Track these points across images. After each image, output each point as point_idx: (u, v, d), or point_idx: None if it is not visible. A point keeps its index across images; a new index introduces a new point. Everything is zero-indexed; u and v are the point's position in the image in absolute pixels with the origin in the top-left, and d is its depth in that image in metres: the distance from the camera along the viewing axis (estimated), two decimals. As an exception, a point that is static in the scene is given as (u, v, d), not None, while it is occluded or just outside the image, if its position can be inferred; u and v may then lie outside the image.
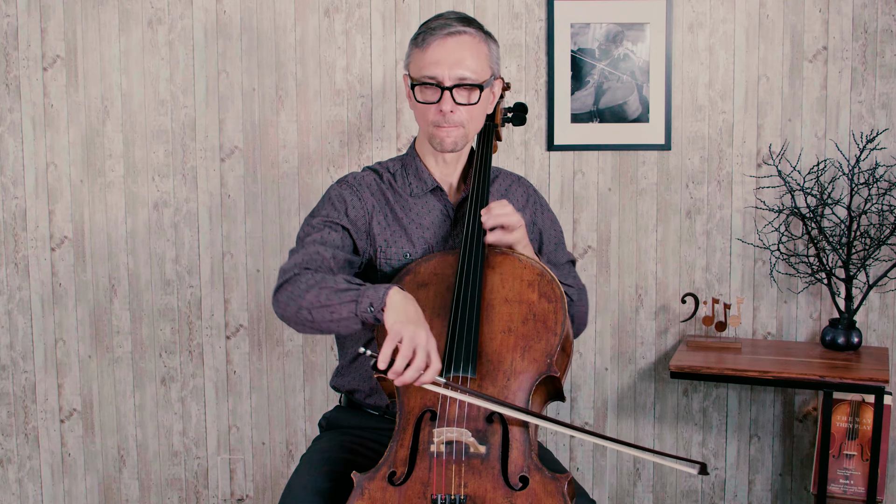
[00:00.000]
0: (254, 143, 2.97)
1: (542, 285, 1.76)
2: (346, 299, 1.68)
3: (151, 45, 2.96)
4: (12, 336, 3.07)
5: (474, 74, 1.84)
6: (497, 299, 1.76)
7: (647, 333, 2.95)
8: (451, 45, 1.83)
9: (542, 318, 1.73)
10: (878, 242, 2.72)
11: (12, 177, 3.01)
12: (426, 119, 1.88)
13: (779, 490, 2.95)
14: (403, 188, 1.96)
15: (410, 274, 1.82)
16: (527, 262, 1.80)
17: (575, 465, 3.00)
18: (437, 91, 1.84)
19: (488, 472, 1.62)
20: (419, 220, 1.94)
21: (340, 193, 1.93)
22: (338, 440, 1.93)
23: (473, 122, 1.89)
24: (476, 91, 1.85)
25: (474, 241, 1.79)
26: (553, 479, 1.62)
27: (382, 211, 1.93)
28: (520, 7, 2.88)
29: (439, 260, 1.84)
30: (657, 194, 2.90)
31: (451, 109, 1.84)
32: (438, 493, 1.60)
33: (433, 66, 1.83)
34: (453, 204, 1.96)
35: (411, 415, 1.69)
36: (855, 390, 2.55)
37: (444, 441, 1.62)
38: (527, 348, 1.71)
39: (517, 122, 2.18)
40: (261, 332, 3.02)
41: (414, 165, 1.97)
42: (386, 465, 1.66)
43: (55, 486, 3.11)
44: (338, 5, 2.91)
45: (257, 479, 3.08)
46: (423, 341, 1.58)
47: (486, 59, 1.87)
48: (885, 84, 2.79)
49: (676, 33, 2.85)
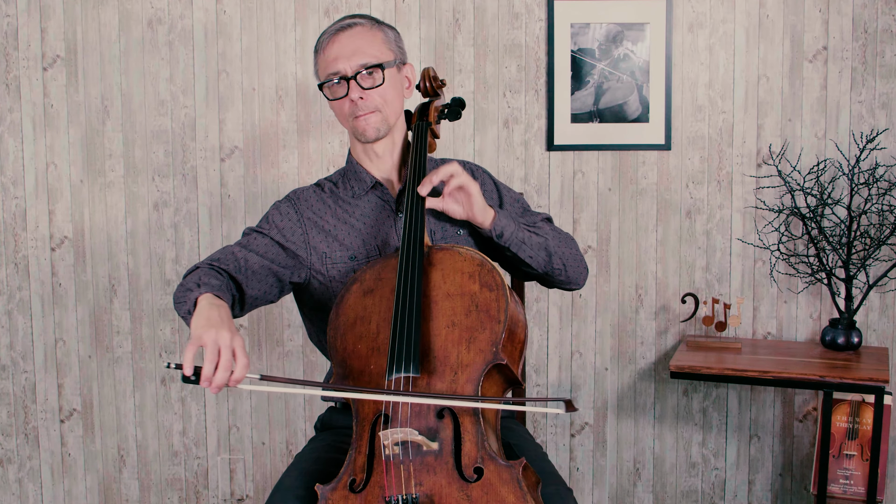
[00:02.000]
0: (254, 143, 2.97)
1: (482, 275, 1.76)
2: (184, 299, 1.73)
3: (151, 45, 2.96)
4: (12, 336, 3.07)
5: (373, 58, 1.89)
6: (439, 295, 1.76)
7: (647, 333, 2.95)
8: (343, 39, 1.89)
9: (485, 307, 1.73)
10: (878, 242, 2.72)
11: (12, 177, 3.01)
12: (344, 115, 1.92)
13: (779, 490, 2.94)
14: (345, 192, 2.00)
15: (357, 283, 1.83)
16: (467, 253, 1.80)
17: (575, 465, 3.00)
18: (344, 84, 1.89)
19: (442, 468, 1.63)
20: (363, 220, 1.97)
21: (279, 207, 1.99)
22: (330, 440, 1.96)
23: (388, 104, 1.92)
24: (378, 71, 1.89)
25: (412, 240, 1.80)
26: (507, 466, 1.62)
27: (322, 219, 1.97)
28: (520, 7, 2.88)
29: (382, 264, 1.84)
30: (657, 194, 2.90)
31: (360, 96, 1.88)
32: (391, 494, 1.61)
33: (333, 63, 1.88)
34: (394, 197, 1.99)
35: (366, 421, 1.70)
36: (855, 390, 2.55)
37: (394, 443, 1.63)
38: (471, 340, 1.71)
39: (453, 118, 2.15)
40: (261, 331, 3.02)
41: (352, 169, 2.00)
42: (346, 474, 1.67)
43: (55, 486, 3.11)
44: (338, 5, 2.91)
45: (257, 479, 3.08)
46: (227, 340, 1.57)
47: (381, 42, 1.92)
48: (885, 84, 2.79)
49: (676, 33, 2.85)
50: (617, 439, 2.99)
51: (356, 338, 1.77)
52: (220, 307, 1.67)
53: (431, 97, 2.08)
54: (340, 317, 1.80)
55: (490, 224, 1.89)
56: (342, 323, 1.79)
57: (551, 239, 1.98)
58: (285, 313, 3.01)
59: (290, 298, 2.93)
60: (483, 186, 2.04)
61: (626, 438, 2.98)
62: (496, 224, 1.89)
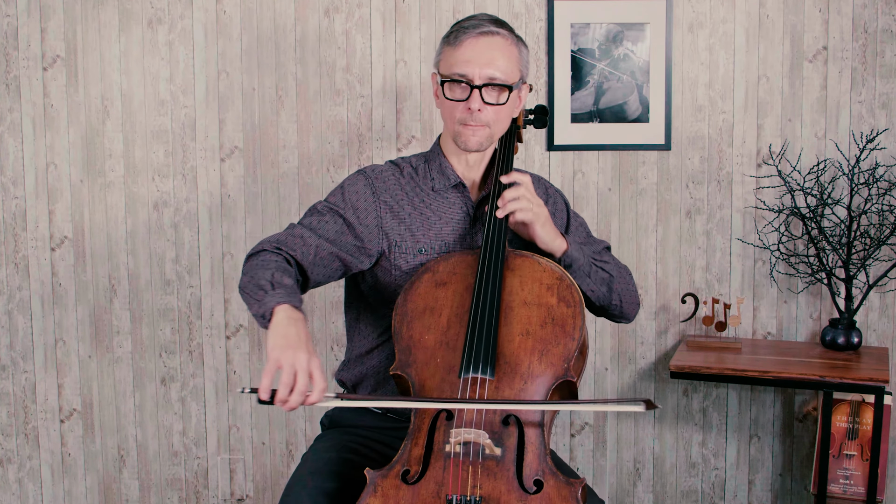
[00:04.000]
0: (254, 143, 2.97)
1: (560, 289, 1.76)
2: (256, 297, 1.67)
3: (151, 45, 2.96)
4: (12, 336, 3.07)
5: (504, 75, 1.85)
6: (516, 301, 1.76)
7: (647, 333, 2.95)
8: (482, 45, 1.84)
9: (561, 322, 1.73)
10: (878, 242, 2.72)
11: (12, 177, 3.01)
12: (453, 117, 1.88)
13: (779, 490, 2.95)
14: (425, 182, 1.96)
15: (429, 272, 1.82)
16: (546, 265, 1.80)
17: (575, 465, 3.00)
18: (467, 89, 1.84)
19: (503, 475, 1.62)
20: (438, 215, 1.93)
21: (355, 183, 1.93)
22: (341, 439, 1.93)
23: (499, 123, 1.90)
24: (505, 92, 1.86)
25: (494, 242, 1.79)
26: (567, 483, 1.61)
27: (399, 205, 1.93)
28: (520, 7, 2.88)
29: (458, 259, 1.83)
30: (657, 194, 2.90)
31: (479, 108, 1.84)
32: (454, 494, 1.60)
33: (464, 64, 1.84)
34: (474, 202, 1.96)
35: (427, 414, 1.68)
36: (855, 390, 2.55)
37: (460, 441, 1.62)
38: (545, 352, 1.71)
39: (538, 125, 2.17)
40: (261, 332, 3.02)
41: (437, 161, 1.96)
42: (399, 464, 1.66)
43: (55, 486, 3.11)
44: (338, 5, 2.91)
45: (257, 479, 3.08)
46: (304, 364, 1.55)
47: (516, 61, 1.88)
48: (885, 84, 2.79)
49: (676, 33, 2.85)
50: (617, 439, 2.99)
51: (424, 328, 1.76)
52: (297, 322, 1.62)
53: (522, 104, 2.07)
54: (409, 303, 1.79)
55: (560, 254, 1.88)
56: (410, 310, 1.78)
57: (615, 275, 1.98)
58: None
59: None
60: (554, 207, 2.03)
61: (626, 438, 2.98)
62: (567, 255, 1.88)
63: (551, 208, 2.02)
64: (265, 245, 1.80)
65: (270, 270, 1.72)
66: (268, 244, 1.81)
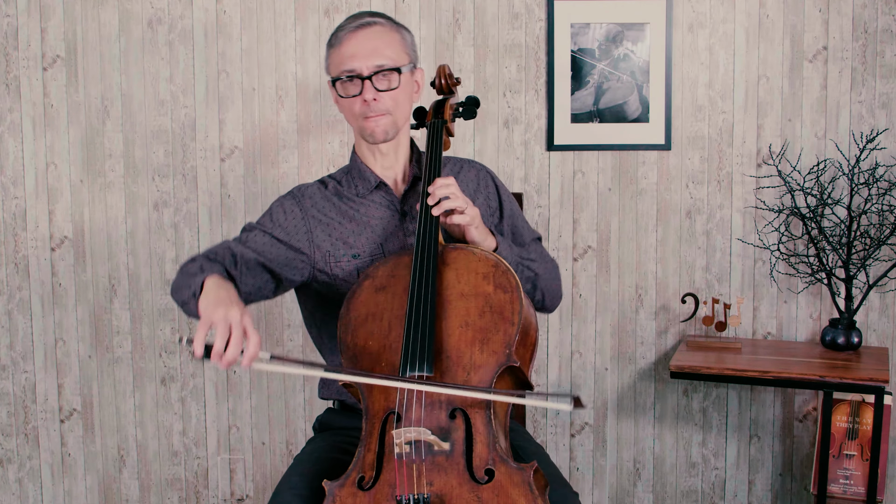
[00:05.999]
0: (254, 143, 2.97)
1: (497, 276, 1.76)
2: (188, 283, 1.71)
3: (151, 45, 2.96)
4: (12, 336, 3.07)
5: (391, 61, 1.88)
6: (453, 295, 1.75)
7: (647, 333, 2.95)
8: (362, 37, 1.88)
9: (499, 309, 1.73)
10: (878, 242, 2.72)
11: (12, 177, 3.01)
12: (353, 113, 1.91)
13: (779, 490, 2.95)
14: (349, 191, 1.99)
15: (369, 279, 1.83)
16: (481, 254, 1.79)
17: (575, 465, 3.00)
18: (358, 83, 1.87)
19: (453, 468, 1.62)
20: (367, 219, 1.96)
21: (281, 204, 1.98)
22: (329, 441, 1.95)
23: (399, 108, 1.92)
24: (395, 75, 1.88)
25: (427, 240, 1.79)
26: (519, 469, 1.61)
27: (327, 217, 1.96)
28: (520, 7, 2.88)
29: (395, 261, 1.84)
30: (657, 194, 2.90)
31: (373, 97, 1.87)
32: (402, 494, 1.60)
33: (350, 60, 1.87)
34: (398, 197, 1.98)
35: (376, 418, 1.69)
36: (855, 390, 2.55)
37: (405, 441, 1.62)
38: (485, 341, 1.71)
39: (468, 116, 2.15)
40: (261, 331, 3.02)
41: (356, 167, 2.00)
42: (355, 471, 1.67)
43: (55, 486, 3.11)
44: (338, 5, 2.91)
45: (257, 479, 3.08)
46: (237, 317, 1.56)
47: (399, 45, 1.91)
48: (885, 84, 2.79)
49: (676, 33, 2.85)
50: (617, 439, 2.99)
51: (367, 334, 1.76)
52: (227, 287, 1.67)
53: (446, 95, 2.08)
54: (351, 312, 1.80)
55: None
56: (353, 319, 1.79)
57: (541, 272, 1.99)
58: (285, 313, 3.01)
59: (291, 298, 2.93)
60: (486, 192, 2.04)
61: (626, 438, 2.98)
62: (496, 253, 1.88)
63: (483, 192, 2.03)
64: (195, 256, 1.85)
65: (198, 263, 1.77)
66: (199, 255, 1.85)
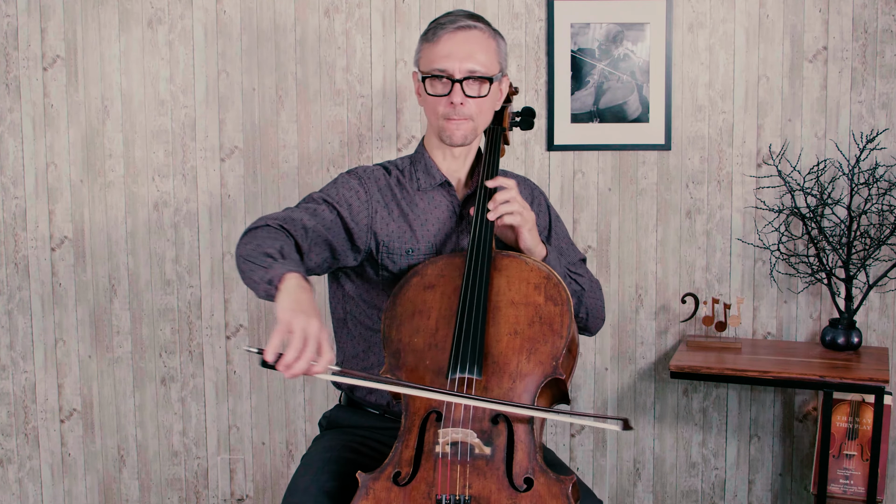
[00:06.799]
0: (254, 143, 2.97)
1: (548, 288, 1.77)
2: (262, 264, 1.64)
3: (151, 45, 2.96)
4: (12, 336, 3.07)
5: (484, 68, 1.87)
6: (503, 301, 1.76)
7: (647, 333, 2.95)
8: (460, 39, 1.87)
9: (549, 320, 1.74)
10: (878, 242, 2.72)
11: (12, 177, 3.01)
12: (436, 112, 1.89)
13: (779, 490, 2.95)
14: (411, 183, 1.97)
15: (417, 276, 1.83)
16: (533, 264, 1.81)
17: (575, 465, 3.00)
18: (448, 84, 1.86)
19: (493, 473, 1.63)
20: (425, 216, 1.95)
21: (348, 181, 1.94)
22: (340, 439, 1.93)
23: (482, 115, 1.91)
24: (486, 84, 1.88)
25: (481, 244, 1.80)
26: (557, 480, 1.62)
27: (387, 206, 1.94)
28: (520, 7, 2.88)
29: (446, 262, 1.84)
30: (657, 194, 2.90)
31: (461, 101, 1.86)
32: (443, 494, 1.61)
33: (444, 59, 1.86)
34: (460, 199, 1.97)
35: (416, 415, 1.69)
36: (855, 390, 2.55)
37: (449, 442, 1.63)
38: (532, 350, 1.72)
39: (525, 127, 2.18)
40: (261, 331, 3.02)
41: (422, 161, 1.98)
42: (391, 466, 1.66)
43: (55, 486, 3.11)
44: (338, 5, 2.91)
45: (257, 479, 3.08)
46: (316, 331, 1.51)
47: (494, 53, 1.91)
48: (885, 84, 2.79)
49: (676, 33, 2.85)
50: (617, 439, 2.99)
51: (413, 330, 1.76)
52: (308, 292, 1.60)
53: (504, 104, 2.07)
54: (398, 307, 1.80)
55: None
56: (399, 313, 1.79)
57: (587, 289, 2.00)
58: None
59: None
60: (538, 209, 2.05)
61: (626, 438, 2.98)
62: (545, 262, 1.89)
63: (535, 209, 2.04)
64: (268, 221, 1.78)
65: (279, 242, 1.70)
66: (271, 220, 1.78)
